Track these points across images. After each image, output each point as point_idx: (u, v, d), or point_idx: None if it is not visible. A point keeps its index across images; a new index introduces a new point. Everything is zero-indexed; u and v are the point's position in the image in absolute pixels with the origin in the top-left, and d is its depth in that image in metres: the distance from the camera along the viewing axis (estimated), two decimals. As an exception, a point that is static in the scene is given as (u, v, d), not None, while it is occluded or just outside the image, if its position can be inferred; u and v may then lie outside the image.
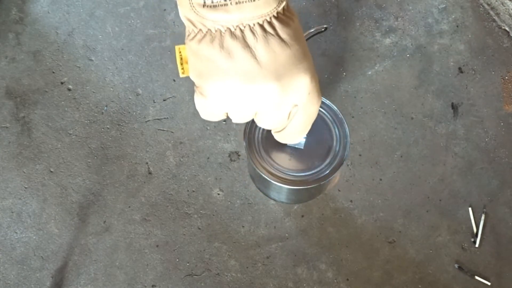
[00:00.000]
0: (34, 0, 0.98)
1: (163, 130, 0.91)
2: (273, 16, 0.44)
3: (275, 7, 0.44)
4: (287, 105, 0.49)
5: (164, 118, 0.91)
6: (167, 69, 0.94)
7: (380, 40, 0.97)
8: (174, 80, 0.93)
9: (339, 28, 0.97)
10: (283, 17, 0.45)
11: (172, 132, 0.91)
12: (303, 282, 0.84)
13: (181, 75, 0.50)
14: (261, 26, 0.44)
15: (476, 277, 0.84)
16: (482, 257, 0.86)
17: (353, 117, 0.92)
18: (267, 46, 0.45)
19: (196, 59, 0.47)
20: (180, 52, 0.50)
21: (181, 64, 0.50)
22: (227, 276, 0.84)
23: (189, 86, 0.93)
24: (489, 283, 0.84)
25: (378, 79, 0.94)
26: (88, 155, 0.89)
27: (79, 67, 0.94)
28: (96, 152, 0.89)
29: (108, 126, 0.91)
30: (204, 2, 0.43)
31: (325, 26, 0.82)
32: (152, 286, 0.84)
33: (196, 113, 0.91)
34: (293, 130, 0.54)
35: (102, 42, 0.95)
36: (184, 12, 0.45)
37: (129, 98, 0.92)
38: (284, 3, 0.45)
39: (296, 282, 0.84)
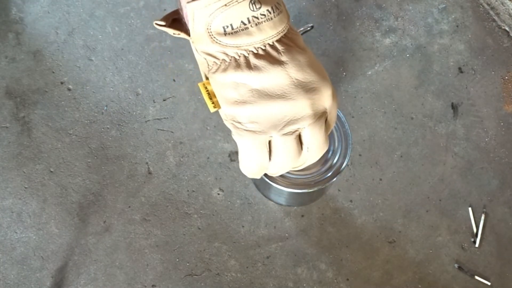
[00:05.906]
0: (34, 0, 0.98)
1: (163, 130, 0.91)
2: (286, 31, 0.47)
3: (286, 23, 0.47)
4: (323, 115, 0.50)
5: (164, 118, 0.91)
6: (167, 69, 0.94)
7: (380, 40, 0.96)
8: (174, 80, 0.93)
9: (339, 28, 0.97)
10: (292, 31, 0.49)
11: (172, 132, 0.91)
12: (303, 282, 0.84)
13: (212, 110, 0.50)
14: (279, 41, 0.47)
15: (476, 277, 0.84)
16: (482, 257, 0.86)
17: (353, 117, 0.92)
18: (291, 57, 0.47)
19: (226, 89, 0.48)
20: (205, 88, 0.50)
21: (210, 98, 0.50)
22: (227, 276, 0.84)
23: (189, 86, 0.93)
24: (489, 283, 0.84)
25: (378, 79, 0.94)
26: (88, 155, 0.89)
27: (79, 67, 0.94)
28: (96, 152, 0.89)
29: (108, 126, 0.91)
30: (225, 31, 0.45)
31: (311, 25, 0.82)
32: (152, 286, 0.84)
33: (196, 113, 0.91)
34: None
35: (102, 42, 0.95)
36: (203, 47, 0.47)
37: (129, 98, 0.92)
38: (288, 19, 0.48)
39: (296, 282, 0.84)
